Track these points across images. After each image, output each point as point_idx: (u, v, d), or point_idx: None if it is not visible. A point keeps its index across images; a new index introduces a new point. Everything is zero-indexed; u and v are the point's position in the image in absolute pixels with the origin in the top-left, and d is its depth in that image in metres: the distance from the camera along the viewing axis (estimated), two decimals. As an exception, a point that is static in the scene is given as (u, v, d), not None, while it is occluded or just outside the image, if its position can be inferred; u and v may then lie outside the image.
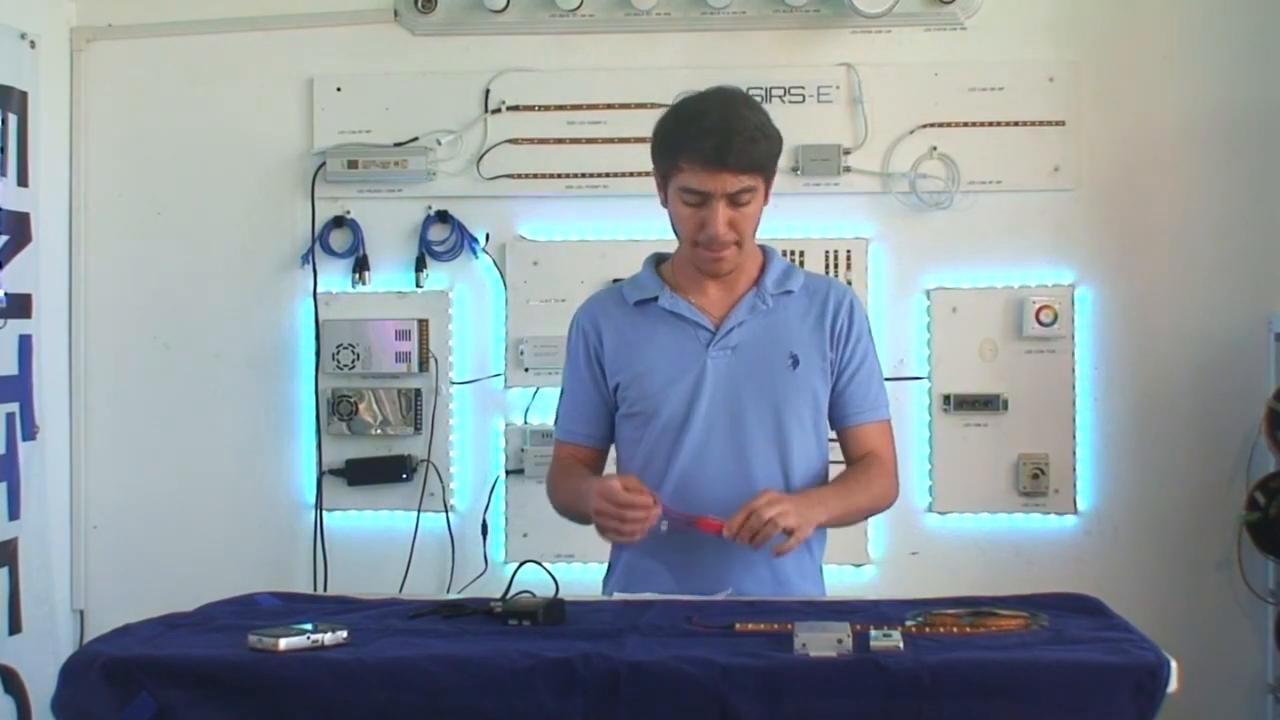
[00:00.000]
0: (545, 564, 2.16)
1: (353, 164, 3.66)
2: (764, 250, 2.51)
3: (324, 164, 3.67)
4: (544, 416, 3.59)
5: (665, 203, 2.42)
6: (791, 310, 2.46)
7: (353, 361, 3.65)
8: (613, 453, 2.57)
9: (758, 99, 3.21)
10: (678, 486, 2.41)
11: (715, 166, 2.29)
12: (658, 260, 2.55)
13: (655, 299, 2.47)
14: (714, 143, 2.28)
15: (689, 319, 2.44)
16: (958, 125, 3.59)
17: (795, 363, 2.42)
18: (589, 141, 3.65)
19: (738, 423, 2.41)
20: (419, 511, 3.67)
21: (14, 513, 3.31)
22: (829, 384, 2.46)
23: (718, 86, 2.42)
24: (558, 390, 2.60)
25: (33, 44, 3.42)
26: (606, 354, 2.48)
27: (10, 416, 3.31)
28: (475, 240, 3.68)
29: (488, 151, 3.67)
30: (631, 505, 2.26)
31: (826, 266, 3.57)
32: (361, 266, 3.69)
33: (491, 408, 3.69)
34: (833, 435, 2.51)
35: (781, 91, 3.58)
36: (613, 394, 2.49)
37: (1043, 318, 3.53)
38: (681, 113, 2.38)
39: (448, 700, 1.71)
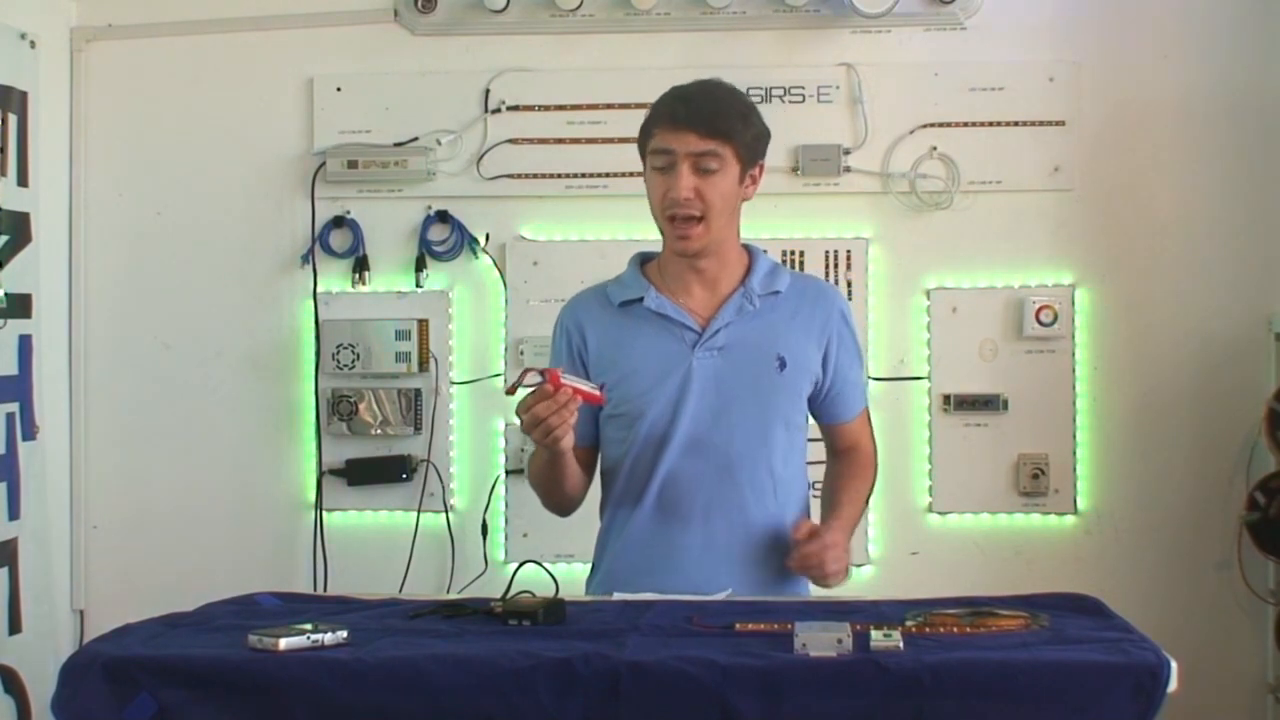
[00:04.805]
0: (545, 564, 2.16)
1: (353, 164, 3.66)
2: (749, 250, 2.50)
3: (324, 164, 3.67)
4: (544, 416, 3.59)
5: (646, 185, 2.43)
6: (779, 312, 2.44)
7: (353, 361, 3.65)
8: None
9: (757, 99, 3.24)
10: (663, 486, 2.40)
11: (680, 124, 2.32)
12: (642, 260, 2.54)
13: (640, 299, 2.45)
14: (682, 105, 2.34)
15: (674, 320, 2.42)
16: (958, 125, 3.59)
17: (782, 365, 2.42)
18: (589, 141, 3.65)
19: (724, 424, 2.39)
20: (419, 511, 3.67)
21: (14, 513, 3.31)
22: (814, 386, 2.47)
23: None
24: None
25: (33, 44, 3.42)
26: (591, 355, 2.47)
27: (10, 416, 3.31)
28: (475, 240, 3.68)
29: (488, 151, 3.67)
30: (537, 400, 2.19)
31: (826, 267, 3.57)
32: (361, 266, 3.69)
33: (491, 408, 3.69)
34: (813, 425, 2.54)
35: (781, 91, 3.58)
36: None
37: (1043, 318, 3.53)
38: (665, 91, 2.42)
39: (448, 700, 1.71)
